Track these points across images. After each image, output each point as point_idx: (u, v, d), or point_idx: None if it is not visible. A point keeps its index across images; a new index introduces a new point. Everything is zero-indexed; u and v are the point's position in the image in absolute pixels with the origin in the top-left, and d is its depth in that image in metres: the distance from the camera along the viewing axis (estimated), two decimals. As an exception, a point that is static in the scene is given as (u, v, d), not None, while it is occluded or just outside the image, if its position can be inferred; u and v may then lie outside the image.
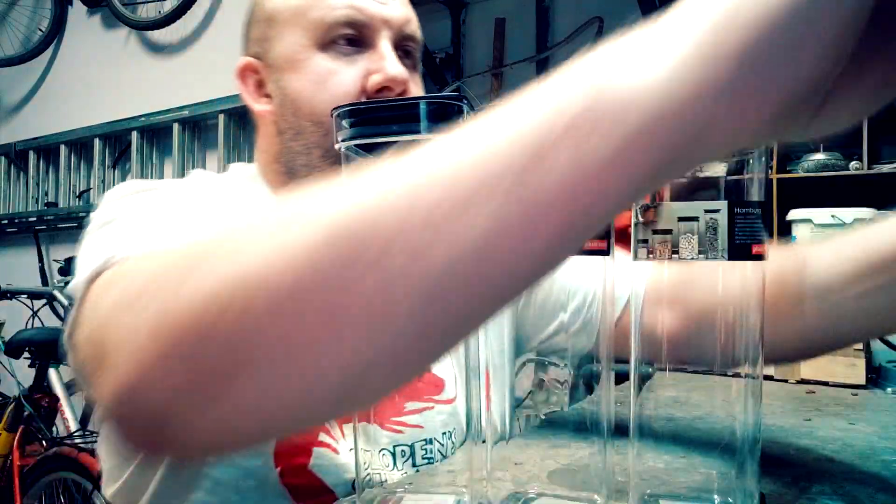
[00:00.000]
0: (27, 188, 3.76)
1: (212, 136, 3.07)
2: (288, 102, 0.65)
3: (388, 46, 0.64)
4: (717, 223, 0.39)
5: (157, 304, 0.30)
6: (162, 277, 0.32)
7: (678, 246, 0.39)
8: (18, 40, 3.80)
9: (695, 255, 0.39)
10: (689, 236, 0.39)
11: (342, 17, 0.63)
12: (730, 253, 0.38)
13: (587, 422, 0.47)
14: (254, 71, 0.69)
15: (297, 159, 0.66)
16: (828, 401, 0.82)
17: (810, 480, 0.51)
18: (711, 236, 0.39)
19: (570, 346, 0.74)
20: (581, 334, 0.67)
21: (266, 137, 0.69)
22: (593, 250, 0.41)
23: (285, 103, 0.66)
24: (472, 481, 0.46)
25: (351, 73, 0.63)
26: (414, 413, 0.63)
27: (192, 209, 0.58)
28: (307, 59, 0.64)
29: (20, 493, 2.14)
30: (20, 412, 2.31)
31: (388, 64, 0.63)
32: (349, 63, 0.63)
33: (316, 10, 0.64)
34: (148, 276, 0.33)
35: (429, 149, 0.27)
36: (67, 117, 3.55)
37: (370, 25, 0.64)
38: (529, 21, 2.29)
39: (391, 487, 0.50)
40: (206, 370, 0.28)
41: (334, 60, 0.63)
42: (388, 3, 0.65)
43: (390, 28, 0.64)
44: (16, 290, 2.61)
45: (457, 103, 0.42)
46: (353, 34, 0.63)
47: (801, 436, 0.65)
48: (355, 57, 0.64)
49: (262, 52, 0.68)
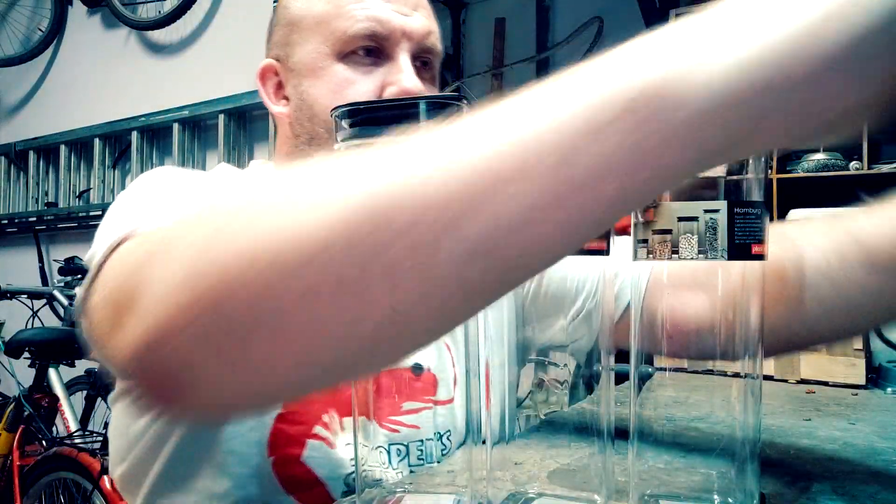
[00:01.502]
0: (27, 188, 3.76)
1: (212, 136, 3.07)
2: (305, 107, 0.67)
3: (406, 59, 0.65)
4: (716, 223, 0.39)
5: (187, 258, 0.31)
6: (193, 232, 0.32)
7: (678, 246, 0.39)
8: (18, 40, 3.81)
9: (694, 255, 0.39)
10: (689, 236, 0.39)
11: (364, 30, 0.64)
12: (729, 253, 0.38)
13: (587, 422, 0.47)
14: (274, 73, 0.70)
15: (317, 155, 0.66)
16: (828, 401, 0.82)
17: (810, 480, 0.51)
18: (711, 236, 0.39)
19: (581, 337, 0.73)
20: (586, 325, 0.67)
21: (282, 138, 0.71)
22: (593, 250, 0.41)
23: (302, 108, 0.67)
24: (472, 481, 0.46)
25: (368, 84, 0.64)
26: (411, 413, 0.64)
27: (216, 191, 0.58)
28: (326, 68, 0.65)
29: (20, 493, 2.14)
30: (20, 412, 2.31)
31: (405, 77, 0.64)
32: (367, 73, 0.65)
33: (339, 21, 0.64)
34: (178, 233, 0.34)
35: (473, 122, 0.27)
36: (67, 117, 3.55)
37: (391, 38, 0.64)
38: (529, 21, 2.29)
39: (389, 487, 0.50)
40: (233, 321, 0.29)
41: (353, 70, 0.65)
42: (412, 14, 0.66)
43: (410, 40, 0.65)
44: (16, 290, 2.61)
45: (457, 103, 0.42)
46: (374, 45, 0.65)
47: (801, 436, 0.65)
48: (374, 68, 0.65)
49: (283, 55, 0.69)
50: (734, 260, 0.39)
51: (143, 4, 3.22)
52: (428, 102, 0.41)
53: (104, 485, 1.78)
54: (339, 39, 0.64)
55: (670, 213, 0.40)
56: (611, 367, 0.45)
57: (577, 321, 0.68)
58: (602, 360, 0.44)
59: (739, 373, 0.43)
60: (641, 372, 0.44)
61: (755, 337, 0.42)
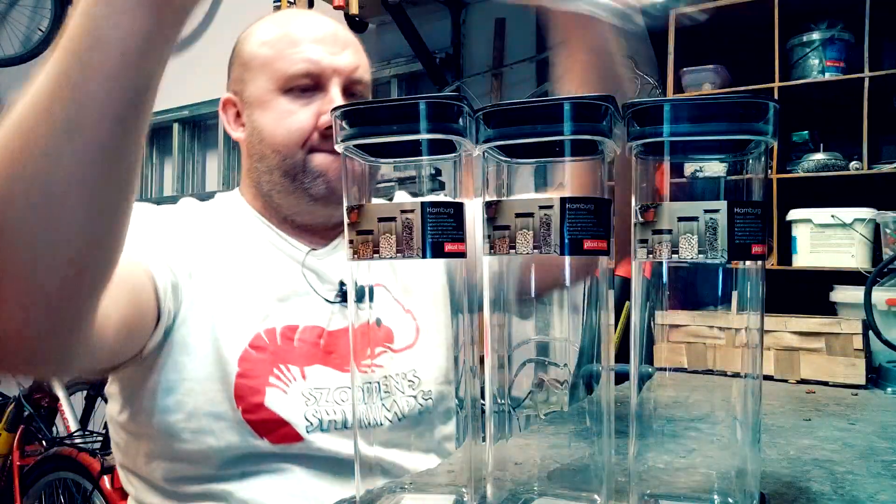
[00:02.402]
0: (27, 188, 3.75)
1: (212, 136, 3.07)
2: (256, 133, 0.82)
3: (337, 91, 0.80)
4: (716, 223, 0.39)
5: None
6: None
7: (678, 246, 0.39)
8: (18, 40, 3.80)
9: (695, 255, 0.39)
10: (689, 236, 0.39)
11: (300, 70, 0.79)
12: (730, 253, 0.38)
13: (587, 422, 0.47)
14: (233, 105, 0.86)
15: (263, 178, 0.83)
16: (828, 401, 0.82)
17: (810, 480, 0.51)
18: (711, 236, 0.39)
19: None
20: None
21: (243, 158, 0.87)
22: (593, 250, 0.41)
23: (254, 133, 0.82)
24: (472, 481, 0.46)
25: (306, 113, 0.80)
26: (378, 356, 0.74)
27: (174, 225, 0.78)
28: (272, 101, 0.81)
29: (20, 493, 2.14)
30: (20, 412, 2.31)
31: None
32: (305, 105, 0.80)
33: (280, 62, 0.80)
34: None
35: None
36: (67, 117, 3.55)
37: (323, 75, 0.80)
38: (529, 21, 2.28)
39: (389, 486, 0.50)
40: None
41: (293, 102, 0.80)
42: (341, 53, 0.81)
43: (340, 75, 0.81)
44: (16, 290, 2.60)
45: (456, 103, 0.42)
46: (309, 82, 0.80)
47: (801, 435, 0.65)
48: (311, 100, 0.80)
49: (238, 90, 0.85)
50: (734, 260, 0.39)
51: (143, 4, 3.21)
52: (427, 103, 0.41)
53: (104, 485, 1.78)
54: (281, 78, 0.80)
55: (670, 213, 0.40)
56: (611, 367, 0.45)
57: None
58: (602, 360, 0.44)
59: (739, 373, 0.43)
60: (641, 372, 0.44)
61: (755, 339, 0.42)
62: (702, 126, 0.39)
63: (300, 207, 0.82)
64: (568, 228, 0.40)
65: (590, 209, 0.40)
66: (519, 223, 0.41)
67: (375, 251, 0.42)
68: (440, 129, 0.41)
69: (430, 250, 0.41)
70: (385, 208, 0.42)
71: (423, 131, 0.41)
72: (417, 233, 0.41)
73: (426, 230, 0.41)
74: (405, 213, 0.41)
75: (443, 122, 0.41)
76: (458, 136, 0.42)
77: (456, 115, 0.42)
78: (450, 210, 0.42)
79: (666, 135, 0.40)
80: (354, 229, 0.42)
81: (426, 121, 0.41)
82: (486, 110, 0.42)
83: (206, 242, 0.78)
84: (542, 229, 0.40)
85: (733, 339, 0.44)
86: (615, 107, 0.41)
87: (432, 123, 0.41)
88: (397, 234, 0.41)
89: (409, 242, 0.41)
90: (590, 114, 0.40)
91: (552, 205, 0.40)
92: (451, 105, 0.42)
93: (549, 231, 0.40)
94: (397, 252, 0.41)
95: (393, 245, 0.41)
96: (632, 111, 0.41)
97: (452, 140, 0.43)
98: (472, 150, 0.44)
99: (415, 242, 0.41)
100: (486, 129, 0.42)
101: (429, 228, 0.41)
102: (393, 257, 0.41)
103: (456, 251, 0.42)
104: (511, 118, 0.41)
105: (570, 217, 0.40)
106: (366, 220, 0.42)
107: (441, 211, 0.41)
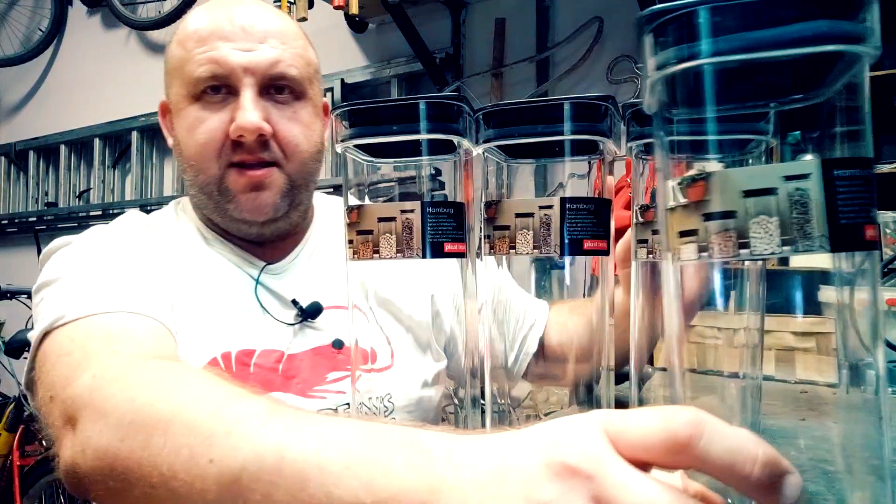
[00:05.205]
0: (27, 188, 3.76)
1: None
2: (177, 142, 0.74)
3: (248, 94, 0.69)
4: (716, 223, 0.38)
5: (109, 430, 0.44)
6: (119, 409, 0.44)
7: (678, 246, 0.39)
8: (18, 40, 3.80)
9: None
10: (689, 236, 0.39)
11: (205, 73, 0.69)
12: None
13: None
14: (168, 110, 0.78)
15: (190, 191, 0.76)
16: (826, 401, 0.82)
17: (807, 480, 0.51)
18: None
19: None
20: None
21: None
22: (592, 250, 0.41)
23: (177, 143, 0.75)
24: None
25: (216, 121, 0.70)
26: (336, 381, 0.73)
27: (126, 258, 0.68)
28: (184, 109, 0.72)
29: (20, 493, 2.14)
30: (20, 412, 2.31)
31: (241, 114, 0.69)
32: (216, 111, 0.70)
33: (188, 66, 0.71)
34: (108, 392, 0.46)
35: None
36: (67, 117, 3.55)
37: (231, 76, 0.69)
38: (529, 21, 2.28)
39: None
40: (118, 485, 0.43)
41: (204, 109, 0.71)
42: (257, 48, 0.70)
43: (253, 74, 0.69)
44: (16, 290, 2.61)
45: (456, 103, 0.42)
46: (218, 84, 0.70)
47: (799, 435, 0.65)
48: (223, 105, 0.70)
49: (167, 96, 0.77)
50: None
51: (143, 4, 3.22)
52: (428, 103, 0.41)
53: (104, 485, 1.78)
54: (189, 83, 0.71)
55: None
56: (610, 367, 0.45)
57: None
58: (602, 360, 0.44)
59: (739, 373, 0.43)
60: (641, 372, 0.44)
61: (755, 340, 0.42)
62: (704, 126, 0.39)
63: (229, 226, 0.74)
64: (568, 228, 0.40)
65: (590, 209, 0.40)
66: (519, 223, 0.41)
67: (375, 251, 0.42)
68: (440, 129, 0.41)
69: (430, 250, 0.41)
70: (385, 208, 0.42)
71: (423, 131, 0.41)
72: (417, 233, 0.41)
73: (426, 230, 0.41)
74: (405, 213, 0.41)
75: (443, 122, 0.41)
76: (458, 136, 0.42)
77: (456, 115, 0.42)
78: (450, 210, 0.42)
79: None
80: (354, 229, 0.42)
81: (426, 121, 0.41)
82: (486, 110, 0.42)
83: (169, 264, 0.71)
84: (542, 229, 0.41)
85: (732, 338, 0.44)
86: (615, 107, 0.41)
87: (432, 123, 0.41)
88: (397, 235, 0.41)
89: (409, 242, 0.41)
90: (590, 114, 0.40)
91: (552, 205, 0.40)
92: (451, 105, 0.42)
93: (549, 231, 0.40)
94: (397, 252, 0.41)
95: (393, 245, 0.41)
96: (632, 111, 0.41)
97: (452, 140, 0.43)
98: (472, 150, 0.44)
99: (415, 242, 0.41)
100: (486, 129, 0.42)
101: (429, 228, 0.41)
102: (393, 257, 0.41)
103: (456, 251, 0.42)
104: (511, 118, 0.41)
105: (570, 217, 0.40)
106: (366, 220, 0.42)
107: (441, 211, 0.42)
